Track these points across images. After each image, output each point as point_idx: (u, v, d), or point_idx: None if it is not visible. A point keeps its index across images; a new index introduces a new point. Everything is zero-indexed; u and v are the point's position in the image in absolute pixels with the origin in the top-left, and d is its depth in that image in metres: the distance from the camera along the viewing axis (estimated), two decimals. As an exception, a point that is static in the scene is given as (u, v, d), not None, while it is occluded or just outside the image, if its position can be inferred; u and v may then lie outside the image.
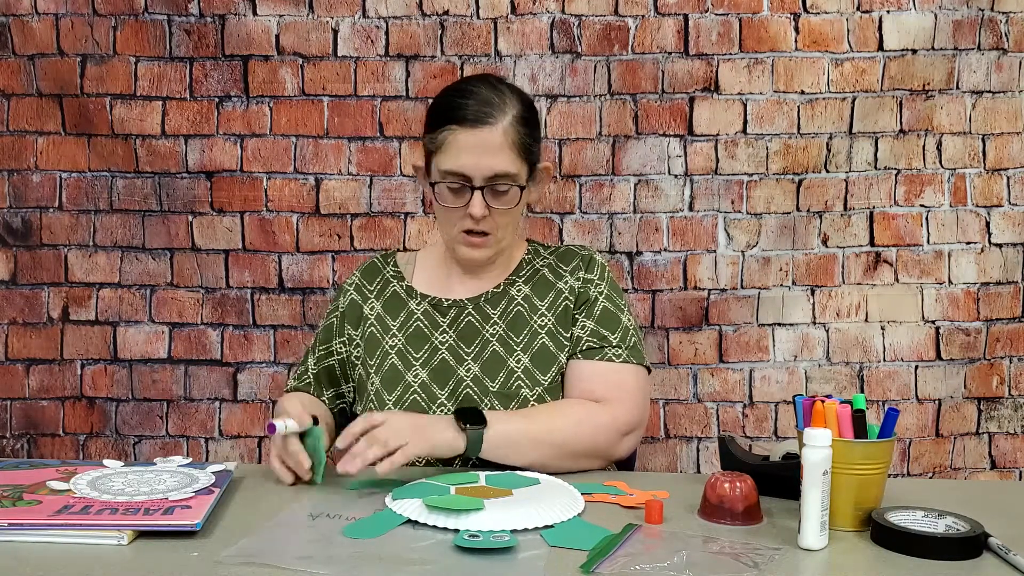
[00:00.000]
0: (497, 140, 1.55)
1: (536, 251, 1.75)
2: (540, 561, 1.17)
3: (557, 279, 1.69)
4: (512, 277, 1.71)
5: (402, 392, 1.63)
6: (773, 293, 2.28)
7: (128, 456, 2.32)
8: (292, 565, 1.13)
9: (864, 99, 2.23)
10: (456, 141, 1.56)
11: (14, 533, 1.21)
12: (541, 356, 1.63)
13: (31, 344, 2.31)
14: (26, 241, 2.29)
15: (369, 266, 1.78)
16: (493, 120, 1.55)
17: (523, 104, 1.61)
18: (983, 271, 2.28)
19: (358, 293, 1.74)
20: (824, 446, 1.23)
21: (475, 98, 1.57)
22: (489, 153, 1.55)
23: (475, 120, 1.55)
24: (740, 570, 1.15)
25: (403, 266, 1.76)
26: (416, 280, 1.74)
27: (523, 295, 1.68)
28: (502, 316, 1.67)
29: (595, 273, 1.69)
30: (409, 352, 1.66)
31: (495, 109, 1.56)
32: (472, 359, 1.64)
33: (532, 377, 1.62)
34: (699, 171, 2.26)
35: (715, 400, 2.30)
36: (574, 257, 1.71)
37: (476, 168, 1.56)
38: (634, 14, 2.23)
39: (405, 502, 1.33)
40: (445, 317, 1.68)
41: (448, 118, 1.57)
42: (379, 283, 1.74)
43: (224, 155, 2.27)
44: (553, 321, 1.66)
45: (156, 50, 2.25)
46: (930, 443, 2.30)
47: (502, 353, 1.63)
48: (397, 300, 1.72)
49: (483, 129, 1.55)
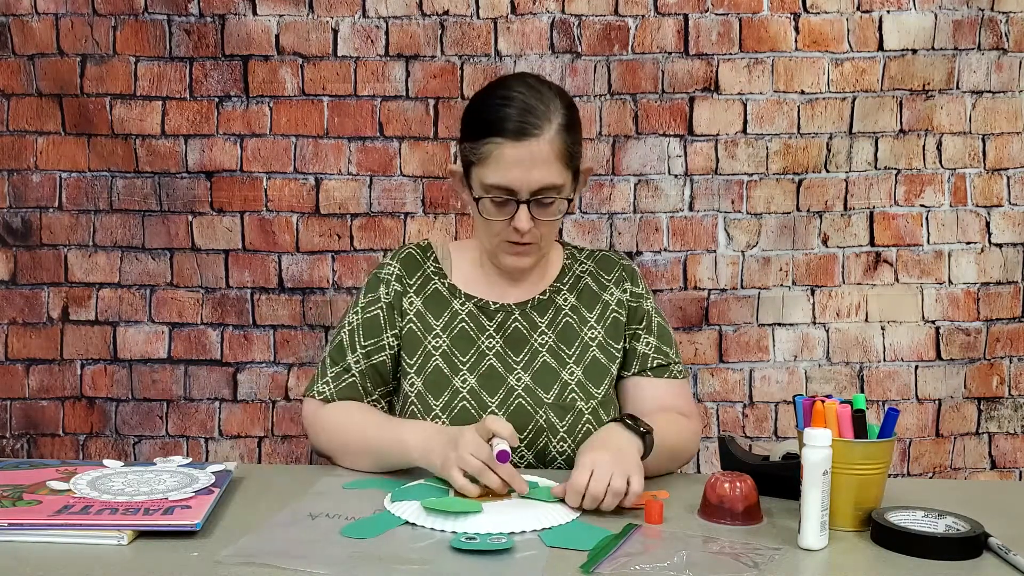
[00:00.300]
0: (544, 153, 1.50)
1: (573, 255, 1.73)
2: (539, 562, 1.17)
3: (602, 290, 1.69)
4: (556, 284, 1.68)
5: (450, 398, 1.58)
6: (773, 293, 2.28)
7: (128, 456, 2.32)
8: (291, 564, 1.13)
9: (864, 99, 2.23)
10: (501, 155, 1.50)
11: (14, 533, 1.21)
12: (593, 368, 1.63)
13: (31, 344, 2.31)
14: (26, 241, 2.29)
15: (407, 257, 1.70)
16: (539, 131, 1.49)
17: (566, 107, 1.55)
18: (983, 271, 2.28)
19: (399, 284, 1.67)
20: (824, 446, 1.23)
21: (517, 106, 1.51)
22: (536, 167, 1.50)
23: (520, 132, 1.49)
24: (740, 570, 1.15)
25: (442, 261, 1.69)
26: (456, 278, 1.68)
27: (570, 305, 1.67)
28: (551, 326, 1.65)
29: (640, 286, 1.72)
30: (455, 355, 1.61)
31: (540, 119, 1.50)
32: (522, 368, 1.61)
33: (585, 390, 1.61)
34: (699, 171, 2.26)
35: (715, 400, 2.30)
36: (613, 266, 1.72)
37: (522, 182, 1.50)
38: (634, 14, 2.22)
39: (404, 504, 1.33)
40: (492, 321, 1.64)
41: (491, 129, 1.51)
42: (420, 277, 1.67)
43: (224, 155, 2.27)
44: (603, 334, 1.65)
45: (156, 50, 2.25)
46: (930, 443, 2.30)
47: (554, 364, 1.62)
48: (439, 298, 1.65)
49: (529, 142, 1.49)
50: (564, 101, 1.57)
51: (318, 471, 1.56)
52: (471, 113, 1.59)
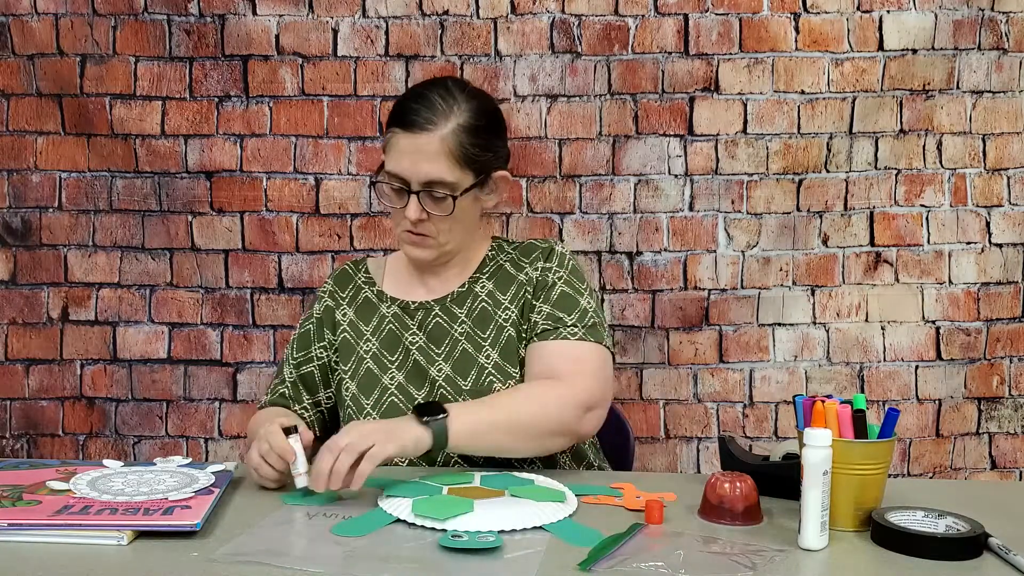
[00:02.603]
0: (433, 147, 1.56)
1: (500, 247, 1.75)
2: (534, 560, 1.17)
3: (518, 272, 1.69)
4: (476, 275, 1.71)
5: (379, 395, 1.63)
6: (773, 293, 2.28)
7: (128, 456, 2.32)
8: (286, 564, 1.13)
9: (864, 99, 2.23)
10: (397, 144, 1.58)
11: (14, 533, 1.21)
12: (508, 349, 1.63)
13: (31, 344, 2.31)
14: (26, 241, 2.29)
15: (340, 273, 1.79)
16: (432, 127, 1.55)
17: (475, 112, 1.60)
18: (983, 271, 2.28)
19: (331, 299, 1.75)
20: (824, 446, 1.23)
21: (423, 103, 1.58)
22: (424, 159, 1.56)
23: (415, 125, 1.56)
24: (737, 570, 1.15)
25: (374, 271, 1.77)
26: (386, 284, 1.75)
27: (487, 291, 1.68)
28: (468, 314, 1.67)
29: (554, 261, 1.68)
30: (384, 355, 1.67)
31: (438, 116, 1.56)
32: (443, 359, 1.64)
33: (503, 371, 1.62)
34: (699, 171, 2.26)
35: (715, 400, 2.30)
36: (535, 249, 1.71)
37: (411, 172, 1.57)
38: (634, 14, 2.22)
39: (396, 501, 1.33)
40: (413, 319, 1.69)
41: (394, 120, 1.60)
42: (351, 290, 1.75)
43: (224, 155, 2.27)
44: (516, 313, 1.66)
45: (156, 50, 2.25)
46: (930, 443, 2.30)
47: (471, 351, 1.64)
48: (369, 305, 1.72)
49: (420, 135, 1.55)
50: (477, 104, 1.61)
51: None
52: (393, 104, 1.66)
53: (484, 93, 1.69)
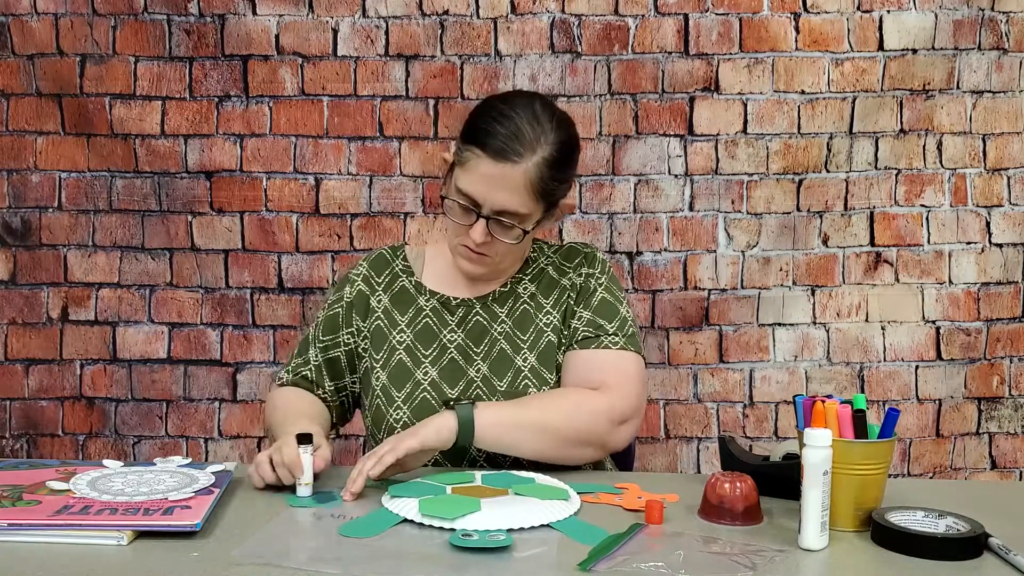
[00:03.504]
0: (517, 179, 1.50)
1: (541, 249, 1.73)
2: (547, 557, 1.17)
3: (561, 276, 1.68)
4: (519, 275, 1.69)
5: (412, 389, 1.61)
6: (773, 293, 2.28)
7: (128, 456, 2.32)
8: (306, 565, 1.13)
9: (864, 99, 2.23)
10: (477, 166, 1.51)
11: (14, 533, 1.20)
12: (547, 354, 1.62)
13: (31, 344, 2.31)
14: (25, 241, 2.29)
15: (378, 257, 1.74)
16: (519, 159, 1.49)
17: (560, 144, 1.53)
18: (983, 271, 2.28)
19: (366, 284, 1.70)
20: (824, 446, 1.23)
21: (508, 126, 1.51)
22: (504, 190, 1.50)
23: (499, 152, 1.49)
24: (737, 570, 1.15)
25: (412, 261, 1.73)
26: (425, 276, 1.71)
27: (529, 293, 1.67)
28: (509, 314, 1.65)
29: (596, 268, 1.68)
30: (418, 349, 1.64)
31: (524, 147, 1.50)
32: (481, 359, 1.62)
33: (539, 375, 1.60)
34: (699, 171, 2.25)
35: (715, 400, 2.30)
36: (577, 255, 1.70)
37: (487, 199, 1.51)
38: (634, 14, 2.22)
39: (401, 501, 1.32)
40: (453, 316, 1.66)
41: (476, 138, 1.52)
42: (388, 276, 1.71)
43: (224, 155, 2.27)
44: (557, 318, 1.64)
45: (156, 50, 2.24)
46: (930, 443, 2.30)
47: (509, 352, 1.62)
48: (406, 295, 1.69)
49: (504, 165, 1.49)
50: (561, 136, 1.55)
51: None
52: (472, 116, 1.60)
53: (568, 119, 1.61)
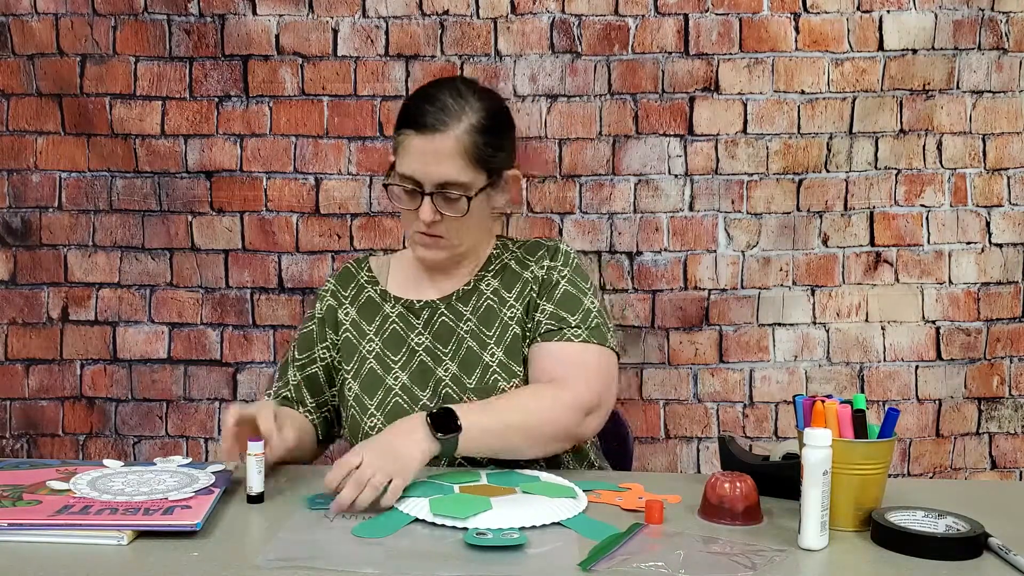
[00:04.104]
0: (448, 148, 1.55)
1: (505, 245, 1.75)
2: (563, 553, 1.18)
3: (523, 269, 1.69)
4: (481, 272, 1.71)
5: (383, 396, 1.63)
6: (773, 293, 2.28)
7: (128, 456, 2.32)
8: (337, 566, 1.13)
9: (864, 99, 2.23)
10: (410, 146, 1.57)
11: (14, 533, 1.21)
12: (513, 347, 1.63)
13: (31, 344, 2.31)
14: (26, 241, 2.29)
15: (343, 272, 1.78)
16: (445, 127, 1.55)
17: (486, 112, 1.59)
18: (983, 271, 2.28)
19: (333, 298, 1.74)
20: (824, 446, 1.23)
21: (435, 103, 1.57)
22: (438, 160, 1.55)
23: (427, 126, 1.55)
24: (737, 570, 1.15)
25: (377, 270, 1.76)
26: (390, 284, 1.74)
27: (492, 288, 1.68)
28: (473, 311, 1.67)
29: (559, 260, 1.68)
30: (387, 355, 1.66)
31: (450, 116, 1.55)
32: (449, 358, 1.64)
33: (508, 369, 1.61)
34: (699, 171, 2.26)
35: (715, 400, 2.30)
36: (539, 248, 1.71)
37: (425, 174, 1.56)
38: (634, 14, 2.22)
39: (411, 501, 1.33)
40: (419, 319, 1.68)
41: (405, 121, 1.59)
42: (353, 289, 1.74)
43: (224, 155, 2.27)
44: (521, 311, 1.65)
45: (156, 50, 2.24)
46: (930, 443, 2.30)
47: (476, 349, 1.63)
48: (371, 305, 1.72)
49: (434, 136, 1.55)
50: (488, 104, 1.61)
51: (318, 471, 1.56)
52: (402, 105, 1.65)
53: (494, 92, 1.69)
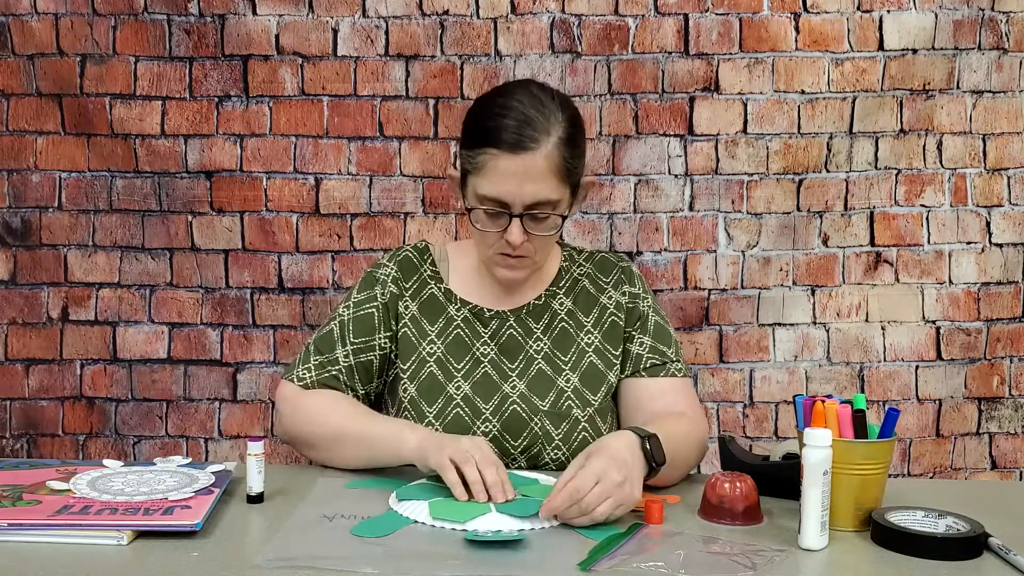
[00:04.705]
0: (539, 167, 1.45)
1: (571, 257, 1.69)
2: (556, 550, 1.19)
3: (599, 292, 1.65)
4: (552, 288, 1.65)
5: (444, 405, 1.56)
6: (773, 293, 2.28)
7: (128, 456, 2.31)
8: (338, 566, 1.13)
9: (864, 99, 2.23)
10: (496, 167, 1.46)
11: (14, 533, 1.21)
12: (590, 375, 1.60)
13: (31, 344, 2.31)
14: (26, 241, 2.29)
15: (405, 259, 1.66)
16: (535, 145, 1.45)
17: (568, 122, 1.50)
18: (983, 271, 2.28)
19: (395, 286, 1.63)
20: (824, 446, 1.23)
21: (515, 116, 1.46)
22: (530, 180, 1.46)
23: (515, 145, 1.44)
24: (737, 570, 1.15)
25: (439, 264, 1.66)
26: (452, 282, 1.65)
27: (566, 309, 1.63)
28: (546, 331, 1.62)
29: (638, 287, 1.66)
30: (449, 362, 1.59)
31: (538, 131, 1.45)
32: (517, 376, 1.58)
33: (582, 397, 1.58)
34: (699, 171, 2.25)
35: (715, 400, 2.30)
36: (612, 268, 1.67)
37: (516, 196, 1.47)
38: (634, 14, 2.22)
39: (410, 504, 1.32)
40: (486, 328, 1.61)
41: (487, 139, 1.47)
42: (416, 281, 1.64)
43: (224, 155, 2.27)
44: (600, 338, 1.62)
45: (156, 50, 2.24)
46: (930, 443, 2.30)
47: (549, 372, 1.59)
48: (435, 303, 1.62)
49: (524, 156, 1.45)
50: (567, 113, 1.51)
51: (317, 472, 1.56)
52: (470, 120, 1.55)
53: (567, 97, 1.59)
